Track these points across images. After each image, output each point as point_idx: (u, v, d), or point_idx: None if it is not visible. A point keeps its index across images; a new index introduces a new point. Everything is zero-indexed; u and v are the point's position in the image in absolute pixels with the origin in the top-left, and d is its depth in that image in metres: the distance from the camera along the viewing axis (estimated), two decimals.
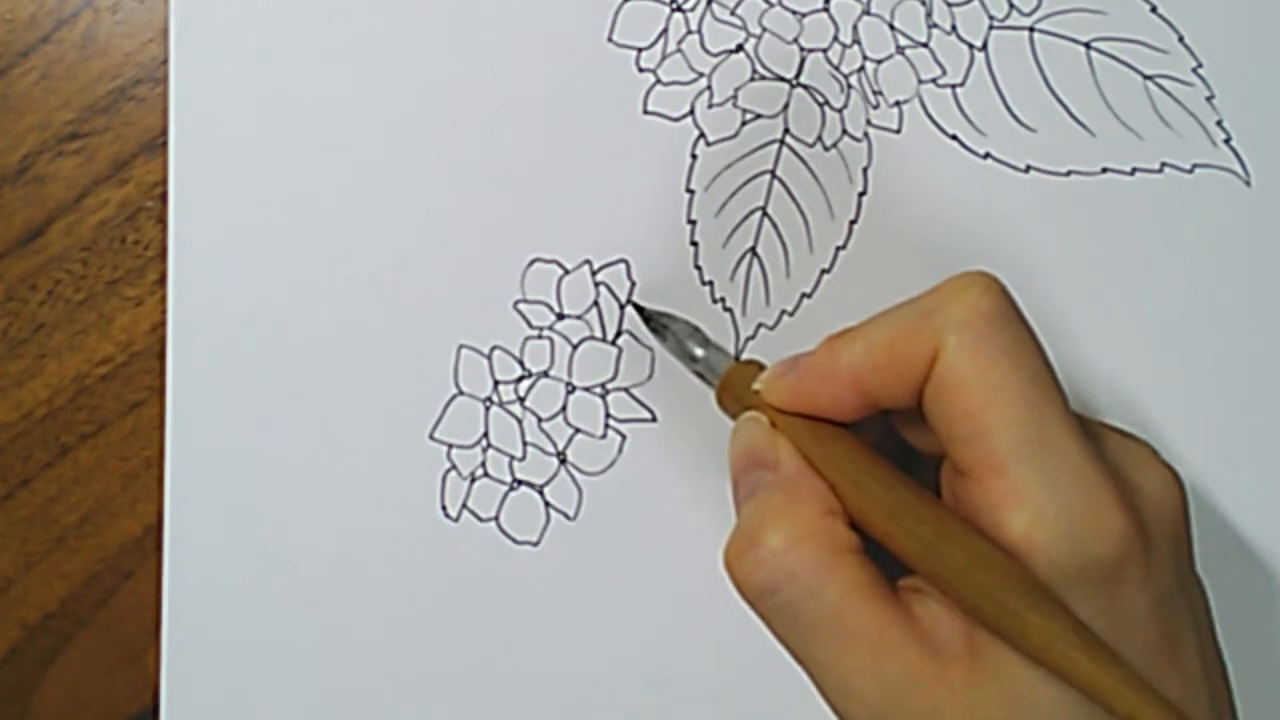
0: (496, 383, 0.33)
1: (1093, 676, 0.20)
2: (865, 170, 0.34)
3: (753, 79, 0.34)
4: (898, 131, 0.34)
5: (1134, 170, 0.34)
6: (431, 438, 0.33)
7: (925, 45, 0.34)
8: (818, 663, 0.23)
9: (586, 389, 0.33)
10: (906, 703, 0.22)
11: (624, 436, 0.33)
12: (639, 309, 0.32)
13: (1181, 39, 0.34)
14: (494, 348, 0.33)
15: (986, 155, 0.34)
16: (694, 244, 0.34)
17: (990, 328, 0.23)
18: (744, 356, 0.33)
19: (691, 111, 0.34)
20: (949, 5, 0.34)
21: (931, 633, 0.22)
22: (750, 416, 0.26)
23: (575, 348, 0.33)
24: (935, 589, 0.23)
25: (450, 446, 0.33)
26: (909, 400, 0.24)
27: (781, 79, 0.34)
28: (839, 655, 0.23)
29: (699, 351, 0.30)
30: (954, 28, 0.34)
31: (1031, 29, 0.34)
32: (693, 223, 0.34)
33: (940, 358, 0.23)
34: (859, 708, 0.22)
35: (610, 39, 0.34)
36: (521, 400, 0.33)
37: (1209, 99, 0.34)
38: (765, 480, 0.25)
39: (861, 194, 0.34)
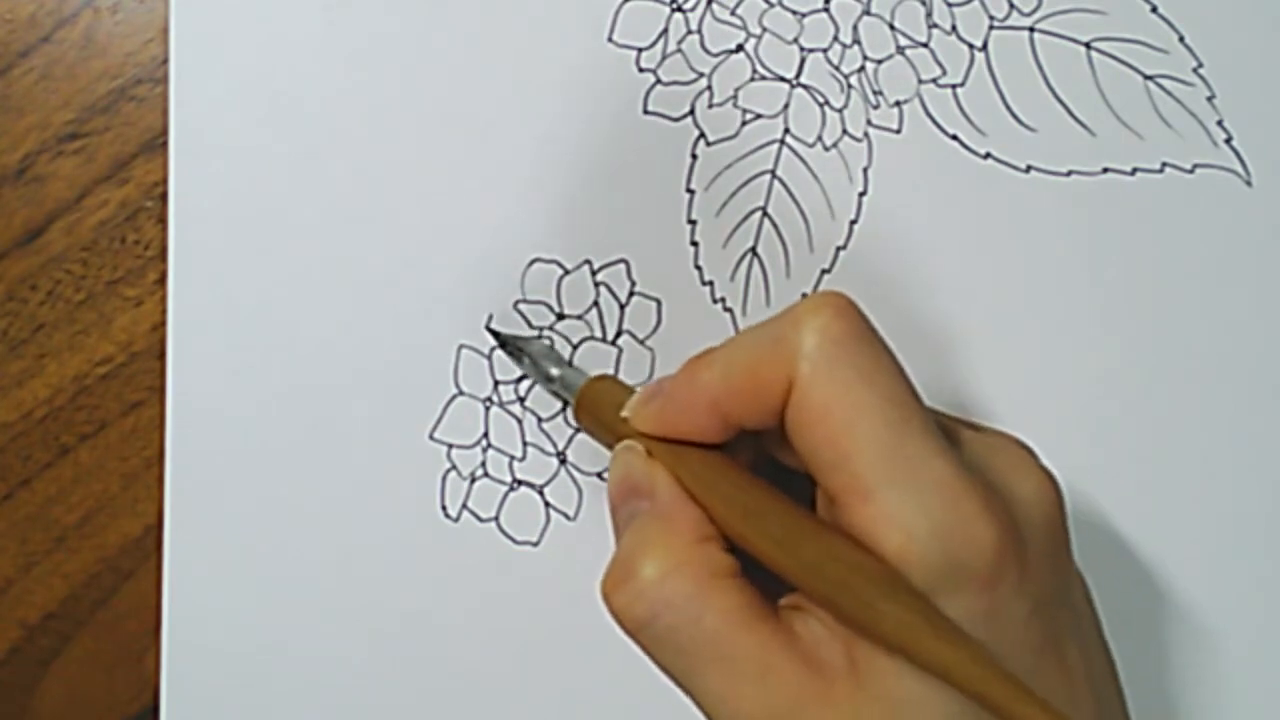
0: (496, 383, 0.33)
1: (941, 656, 0.20)
2: (865, 170, 0.34)
3: (753, 79, 0.34)
4: (898, 131, 0.34)
5: (1134, 170, 0.34)
6: (431, 438, 0.33)
7: (925, 45, 0.34)
8: (702, 690, 0.23)
9: None
10: None
11: None
12: (494, 334, 0.33)
13: (1182, 39, 0.34)
14: (494, 347, 0.33)
15: (987, 155, 0.34)
16: (694, 244, 0.34)
17: (844, 351, 0.23)
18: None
19: (691, 111, 0.34)
20: (949, 5, 0.34)
21: (813, 651, 0.22)
22: (627, 445, 0.26)
23: (575, 348, 0.33)
24: (812, 602, 0.23)
25: (450, 446, 0.33)
26: (771, 423, 0.24)
27: (781, 79, 0.34)
28: (722, 681, 0.22)
29: (554, 371, 0.31)
30: (954, 28, 0.34)
31: (1031, 29, 0.34)
32: (693, 223, 0.34)
33: (795, 385, 0.23)
34: None
35: (610, 39, 0.34)
36: (521, 400, 0.33)
37: (1209, 99, 0.34)
38: (642, 509, 0.25)
39: (861, 194, 0.34)
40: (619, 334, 0.34)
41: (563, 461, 0.34)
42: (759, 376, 0.23)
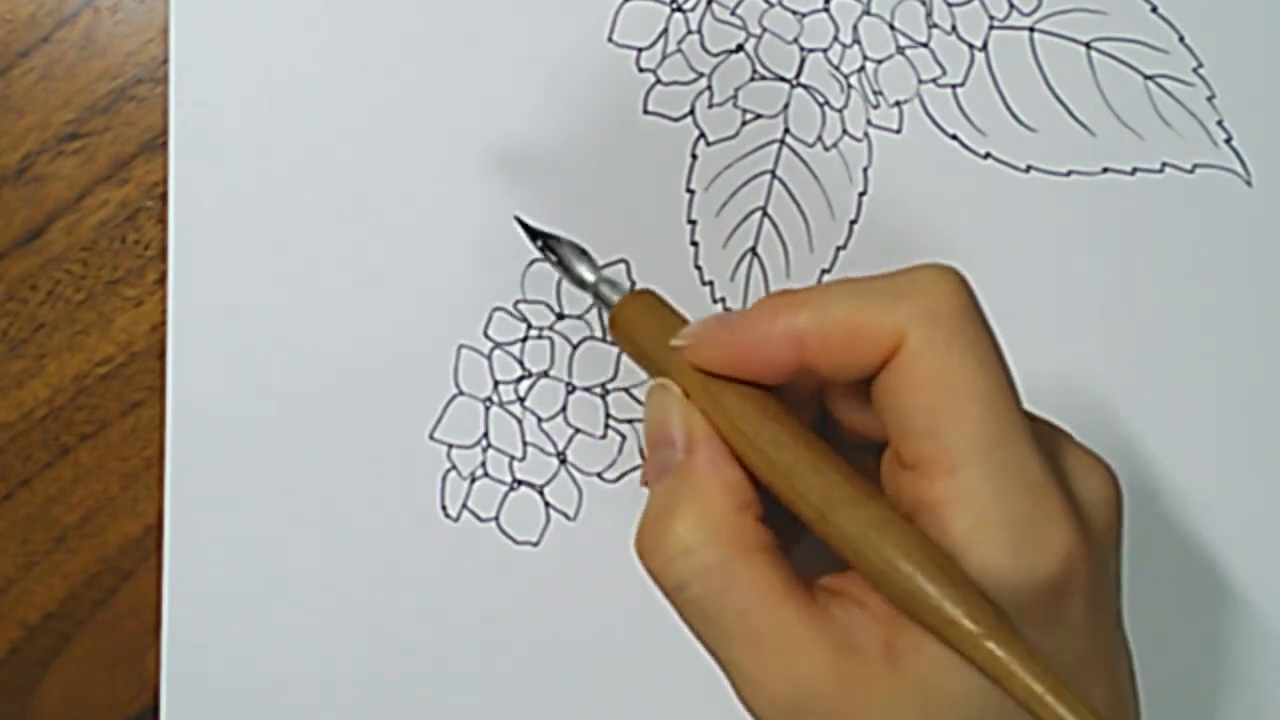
0: (496, 383, 0.33)
1: (985, 650, 0.20)
2: (865, 170, 0.34)
3: (753, 79, 0.34)
4: (898, 131, 0.34)
5: (1134, 170, 0.34)
6: (431, 438, 0.33)
7: (925, 45, 0.34)
8: (730, 663, 0.23)
9: (586, 389, 0.33)
10: (817, 705, 0.21)
11: (624, 436, 0.33)
12: (523, 225, 0.29)
13: (1182, 39, 0.34)
14: (494, 348, 0.33)
15: (987, 155, 0.34)
16: (694, 244, 0.34)
17: (960, 324, 0.22)
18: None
19: (691, 111, 0.34)
20: (949, 5, 0.34)
21: (847, 635, 0.22)
22: (661, 386, 0.24)
23: (575, 348, 0.33)
24: (859, 580, 0.22)
25: (450, 446, 0.33)
26: (853, 378, 0.23)
27: (781, 79, 0.34)
28: (749, 657, 0.22)
29: (589, 276, 0.27)
30: (954, 28, 0.34)
31: (1031, 29, 0.34)
32: (693, 223, 0.34)
33: (905, 346, 0.22)
34: (769, 708, 0.22)
35: (610, 39, 0.34)
36: (521, 400, 0.33)
37: (1209, 99, 0.34)
38: (675, 462, 0.24)
39: (861, 194, 0.34)
40: None
41: (563, 461, 0.34)
42: (862, 327, 0.22)
